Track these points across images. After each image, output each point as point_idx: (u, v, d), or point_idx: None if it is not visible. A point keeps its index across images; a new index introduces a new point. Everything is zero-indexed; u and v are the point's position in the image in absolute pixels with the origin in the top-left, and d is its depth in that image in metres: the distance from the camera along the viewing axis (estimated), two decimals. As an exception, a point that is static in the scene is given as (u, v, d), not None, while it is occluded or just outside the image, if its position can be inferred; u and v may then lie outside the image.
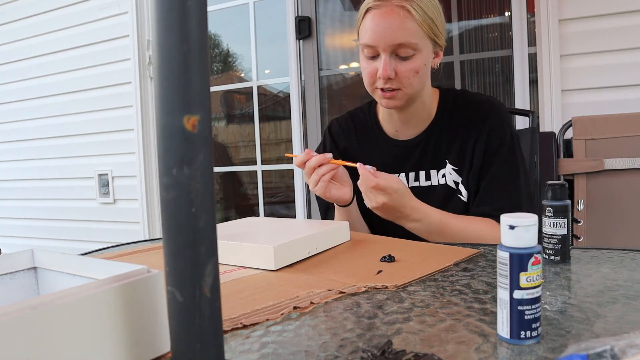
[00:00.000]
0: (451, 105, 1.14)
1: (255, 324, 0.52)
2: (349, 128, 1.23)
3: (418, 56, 1.01)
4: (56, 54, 2.96)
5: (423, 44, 1.02)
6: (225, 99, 3.15)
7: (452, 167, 1.12)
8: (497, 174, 1.07)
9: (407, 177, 1.15)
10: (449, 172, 1.12)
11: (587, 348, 0.38)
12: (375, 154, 1.18)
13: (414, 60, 1.01)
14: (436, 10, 1.03)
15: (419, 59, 1.02)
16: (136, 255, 0.85)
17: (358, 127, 1.23)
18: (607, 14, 1.80)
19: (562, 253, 0.72)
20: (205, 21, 0.34)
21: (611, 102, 1.81)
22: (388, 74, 1.00)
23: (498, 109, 1.11)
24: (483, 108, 1.11)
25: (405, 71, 1.01)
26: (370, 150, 1.20)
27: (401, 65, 1.01)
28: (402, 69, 1.01)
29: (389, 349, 0.43)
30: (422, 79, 1.05)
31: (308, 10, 2.40)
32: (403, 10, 0.99)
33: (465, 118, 1.11)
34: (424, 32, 1.01)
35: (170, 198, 0.35)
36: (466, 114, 1.11)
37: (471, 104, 1.13)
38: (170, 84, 0.34)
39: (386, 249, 0.81)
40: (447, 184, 1.12)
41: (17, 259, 0.52)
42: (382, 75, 1.01)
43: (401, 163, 1.16)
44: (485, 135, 1.08)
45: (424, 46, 1.02)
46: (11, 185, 3.24)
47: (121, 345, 0.40)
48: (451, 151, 1.12)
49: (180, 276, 0.35)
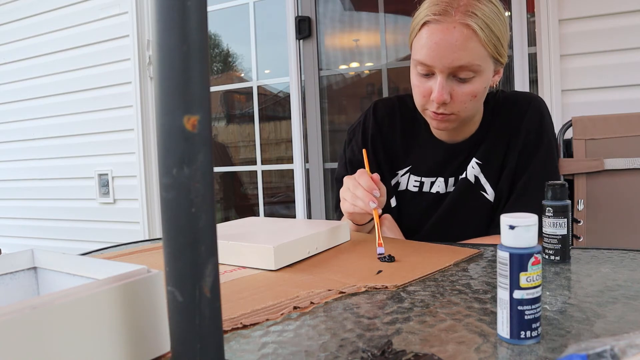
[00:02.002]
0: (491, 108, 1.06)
1: (255, 324, 0.52)
2: (394, 114, 1.11)
3: (478, 79, 0.91)
4: (56, 54, 2.96)
5: (485, 65, 0.91)
6: (225, 99, 3.14)
7: (476, 160, 1.03)
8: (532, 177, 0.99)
9: (446, 182, 1.07)
10: (472, 165, 1.03)
11: (587, 348, 0.38)
12: (417, 150, 1.09)
13: (474, 83, 0.91)
14: (503, 26, 0.91)
15: (479, 82, 0.91)
16: (136, 255, 0.85)
17: (405, 116, 1.11)
18: (607, 14, 1.80)
19: (562, 253, 0.72)
20: (205, 21, 0.34)
21: (611, 102, 1.81)
22: (444, 98, 0.90)
23: (537, 105, 1.03)
24: (519, 105, 1.03)
25: (462, 94, 0.91)
26: (412, 144, 1.10)
27: (459, 88, 0.91)
28: (460, 92, 0.91)
29: (389, 349, 0.43)
30: (479, 102, 0.96)
31: (308, 10, 2.40)
32: (467, 30, 0.87)
33: (505, 119, 1.04)
34: (488, 53, 0.90)
35: (170, 198, 0.34)
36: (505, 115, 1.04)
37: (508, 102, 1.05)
38: (170, 84, 0.34)
39: (386, 249, 0.81)
40: (466, 179, 1.03)
41: (17, 259, 0.52)
42: (436, 100, 0.91)
43: (443, 166, 1.07)
44: (523, 134, 1.00)
45: (486, 67, 0.91)
46: (11, 185, 3.23)
47: (121, 345, 0.40)
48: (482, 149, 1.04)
49: (180, 276, 0.35)
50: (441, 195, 1.07)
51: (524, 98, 1.04)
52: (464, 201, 1.03)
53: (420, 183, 1.08)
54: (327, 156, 2.43)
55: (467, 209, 1.03)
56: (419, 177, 1.08)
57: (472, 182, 1.03)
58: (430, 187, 1.07)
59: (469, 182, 1.03)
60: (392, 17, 2.38)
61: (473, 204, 1.03)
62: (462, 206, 1.03)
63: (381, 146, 1.11)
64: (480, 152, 1.04)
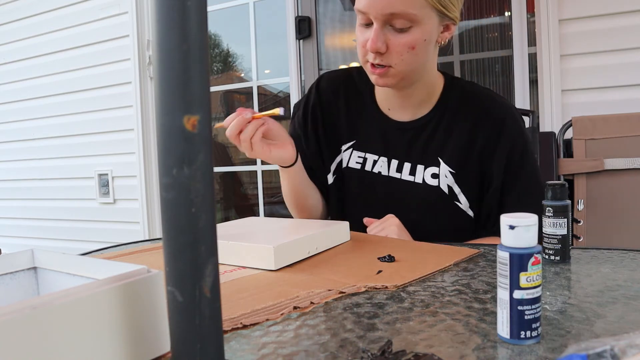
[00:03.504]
0: (457, 96, 1.00)
1: (255, 324, 0.52)
2: (339, 87, 1.08)
3: (416, 29, 0.87)
4: (56, 54, 2.96)
5: (425, 15, 0.87)
6: (225, 99, 3.15)
7: (448, 168, 0.99)
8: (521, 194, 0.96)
9: (389, 165, 1.02)
10: (444, 173, 0.99)
11: (587, 348, 0.38)
12: (361, 126, 1.05)
13: (411, 34, 0.87)
14: None
15: (417, 33, 0.87)
16: (136, 255, 0.85)
17: (350, 89, 1.07)
18: (607, 14, 1.81)
19: (562, 253, 0.72)
20: (205, 21, 0.34)
21: (611, 102, 1.81)
22: (377, 46, 0.87)
23: (513, 115, 0.99)
24: (496, 112, 0.98)
25: (398, 45, 0.88)
26: (356, 120, 1.06)
27: (395, 38, 0.88)
28: (396, 42, 0.87)
29: (389, 349, 0.43)
30: (420, 56, 0.90)
31: (308, 10, 2.40)
32: None
33: (473, 117, 0.98)
34: (428, 3, 0.86)
35: (170, 198, 0.34)
36: (474, 113, 0.99)
37: (481, 101, 0.99)
38: (170, 84, 0.34)
39: (386, 249, 0.81)
40: (439, 188, 0.99)
41: (17, 259, 0.52)
42: (370, 48, 0.88)
43: (387, 146, 1.03)
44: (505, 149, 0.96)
45: (426, 18, 0.87)
46: (11, 185, 3.24)
47: (121, 345, 0.40)
48: (446, 150, 0.99)
49: (180, 276, 0.35)
50: (383, 179, 1.03)
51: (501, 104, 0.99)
52: (432, 212, 1.00)
53: (364, 160, 1.04)
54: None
55: (441, 219, 0.99)
56: (363, 153, 1.04)
57: (446, 193, 0.99)
58: (373, 165, 1.03)
59: (442, 192, 0.99)
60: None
61: (447, 214, 1.00)
62: (435, 216, 0.99)
63: (321, 121, 1.08)
64: (448, 157, 0.99)
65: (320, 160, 1.09)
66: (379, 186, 1.04)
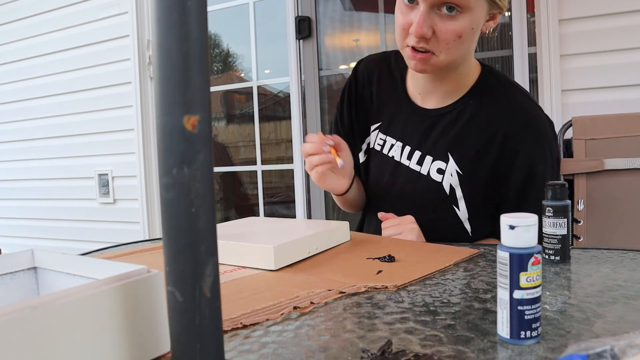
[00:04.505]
0: (490, 92, 0.94)
1: (255, 324, 0.52)
2: (374, 70, 1.07)
3: (466, 16, 0.82)
4: (56, 54, 2.96)
5: (477, 1, 0.82)
6: (225, 99, 3.14)
7: (456, 168, 0.93)
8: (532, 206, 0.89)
9: (402, 150, 1.00)
10: (450, 172, 0.94)
11: (587, 348, 0.38)
12: (388, 109, 1.03)
13: (460, 21, 0.82)
14: None
15: (467, 20, 0.83)
16: (136, 255, 0.85)
17: (383, 74, 1.05)
18: (608, 14, 1.80)
19: (562, 253, 0.72)
20: (205, 21, 0.34)
21: (611, 102, 1.81)
22: (423, 31, 0.82)
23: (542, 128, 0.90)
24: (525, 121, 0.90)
25: (445, 32, 0.83)
26: (385, 103, 1.04)
27: (442, 24, 0.82)
28: (443, 29, 0.83)
29: (389, 349, 0.43)
30: (465, 45, 0.86)
31: (308, 10, 2.40)
32: None
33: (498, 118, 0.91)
34: None
35: (170, 198, 0.34)
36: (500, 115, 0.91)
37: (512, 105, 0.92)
38: (170, 84, 0.34)
39: (386, 249, 0.81)
40: (440, 184, 0.94)
41: (17, 259, 0.52)
42: (415, 32, 0.82)
43: (404, 131, 1.00)
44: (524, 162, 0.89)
45: (478, 5, 0.83)
46: (11, 185, 3.24)
47: (121, 345, 0.40)
48: (459, 147, 0.94)
49: (180, 276, 0.35)
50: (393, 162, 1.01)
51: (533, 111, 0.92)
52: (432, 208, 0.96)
53: (384, 142, 1.04)
54: (327, 156, 2.42)
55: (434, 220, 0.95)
56: (384, 136, 1.04)
57: (447, 193, 0.95)
58: (390, 149, 1.02)
59: (443, 191, 0.95)
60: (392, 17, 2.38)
61: (441, 217, 0.96)
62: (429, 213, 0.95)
63: (355, 102, 1.09)
64: (460, 155, 0.94)
65: (353, 139, 1.10)
66: (389, 170, 1.02)
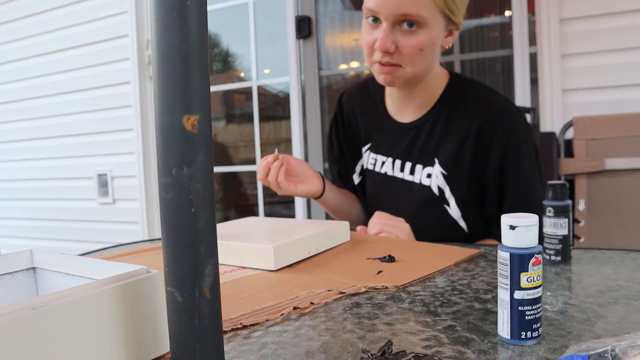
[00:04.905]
0: (458, 95, 1.01)
1: (255, 324, 0.52)
2: (355, 99, 1.16)
3: (425, 31, 0.90)
4: (56, 54, 2.96)
5: (433, 18, 0.90)
6: (225, 99, 3.14)
7: (441, 169, 0.99)
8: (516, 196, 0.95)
9: (393, 165, 1.06)
10: (436, 174, 0.99)
11: (588, 349, 0.37)
12: (374, 130, 1.11)
13: (420, 36, 0.90)
14: None
15: (426, 35, 0.90)
16: (136, 255, 0.85)
17: (364, 98, 1.14)
18: (608, 14, 1.80)
19: (562, 253, 0.72)
20: (205, 21, 0.34)
21: (612, 101, 1.81)
22: (387, 46, 0.90)
23: (511, 117, 0.97)
24: (494, 112, 0.97)
25: (407, 46, 0.90)
26: (370, 124, 1.12)
27: (404, 39, 0.90)
28: (405, 44, 0.90)
29: (389, 349, 0.43)
30: (427, 58, 0.94)
31: (308, 9, 2.40)
32: None
33: (469, 116, 0.98)
34: (436, 5, 0.89)
35: (169, 198, 0.34)
36: (471, 112, 0.98)
37: (480, 101, 0.99)
38: (170, 84, 0.33)
39: (386, 249, 0.81)
40: (429, 188, 1.00)
41: (16, 259, 0.52)
42: (379, 47, 0.90)
43: (392, 146, 1.06)
44: (498, 149, 0.95)
45: (434, 21, 0.91)
46: (10, 186, 3.24)
47: (121, 346, 0.40)
48: (442, 150, 0.99)
49: (180, 276, 0.35)
50: (387, 178, 1.07)
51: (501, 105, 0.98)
52: (426, 213, 1.00)
53: (375, 161, 1.10)
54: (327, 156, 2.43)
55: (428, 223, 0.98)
56: (375, 155, 1.11)
57: (437, 194, 1.00)
58: (382, 166, 1.09)
59: (432, 193, 1.00)
60: (392, 17, 2.37)
61: (434, 219, 1.00)
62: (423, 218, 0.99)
63: (342, 131, 1.18)
64: (442, 157, 0.99)
65: (346, 165, 1.19)
66: (384, 186, 1.09)
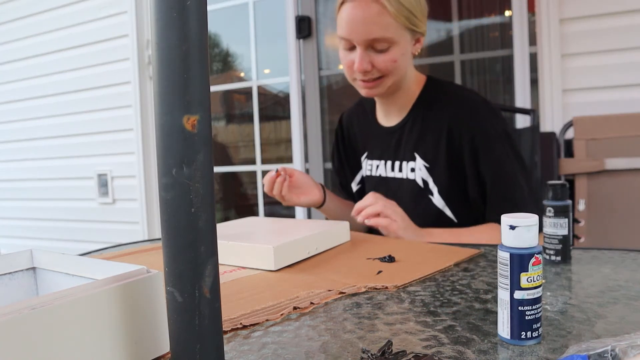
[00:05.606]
0: (433, 95, 1.09)
1: (255, 325, 0.52)
2: (352, 113, 1.27)
3: (395, 48, 1.00)
4: (56, 54, 2.95)
5: (400, 35, 1.00)
6: (225, 99, 3.14)
7: (423, 162, 1.07)
8: (494, 181, 1.01)
9: (385, 166, 1.16)
10: (419, 167, 1.07)
11: (588, 349, 0.37)
12: (369, 140, 1.21)
13: (391, 52, 1.00)
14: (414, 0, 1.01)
15: (397, 50, 1.00)
16: (136, 255, 0.85)
17: (360, 113, 1.25)
18: (608, 14, 1.80)
19: (562, 253, 0.72)
20: (205, 21, 0.34)
21: (612, 101, 1.81)
22: (364, 67, 1.00)
23: (476, 106, 1.04)
24: (461, 104, 1.04)
25: (382, 62, 1.00)
26: (365, 136, 1.23)
27: (377, 57, 1.00)
28: (380, 61, 1.00)
29: (389, 349, 0.43)
30: (402, 67, 1.04)
31: (308, 9, 2.40)
32: (377, 5, 0.96)
33: (442, 112, 1.05)
34: (400, 24, 0.99)
35: (169, 198, 0.34)
36: (443, 108, 1.05)
37: (449, 97, 1.07)
38: (169, 84, 0.33)
39: (386, 249, 0.81)
40: (414, 181, 1.07)
41: (16, 259, 0.52)
42: (358, 69, 1.01)
43: (383, 150, 1.16)
44: (467, 138, 1.02)
45: (401, 38, 1.00)
46: (10, 186, 3.23)
47: (121, 346, 0.40)
48: (422, 144, 1.07)
49: (180, 276, 0.35)
50: (381, 179, 1.17)
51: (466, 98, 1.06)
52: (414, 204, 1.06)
53: (371, 166, 1.21)
54: (327, 156, 2.42)
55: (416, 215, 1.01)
56: (371, 161, 1.21)
57: (421, 186, 1.07)
58: (376, 169, 1.19)
59: (418, 187, 1.08)
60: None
61: (421, 208, 1.07)
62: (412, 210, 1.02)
63: (344, 147, 1.30)
64: (423, 151, 1.07)
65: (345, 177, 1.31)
66: (380, 188, 1.15)
